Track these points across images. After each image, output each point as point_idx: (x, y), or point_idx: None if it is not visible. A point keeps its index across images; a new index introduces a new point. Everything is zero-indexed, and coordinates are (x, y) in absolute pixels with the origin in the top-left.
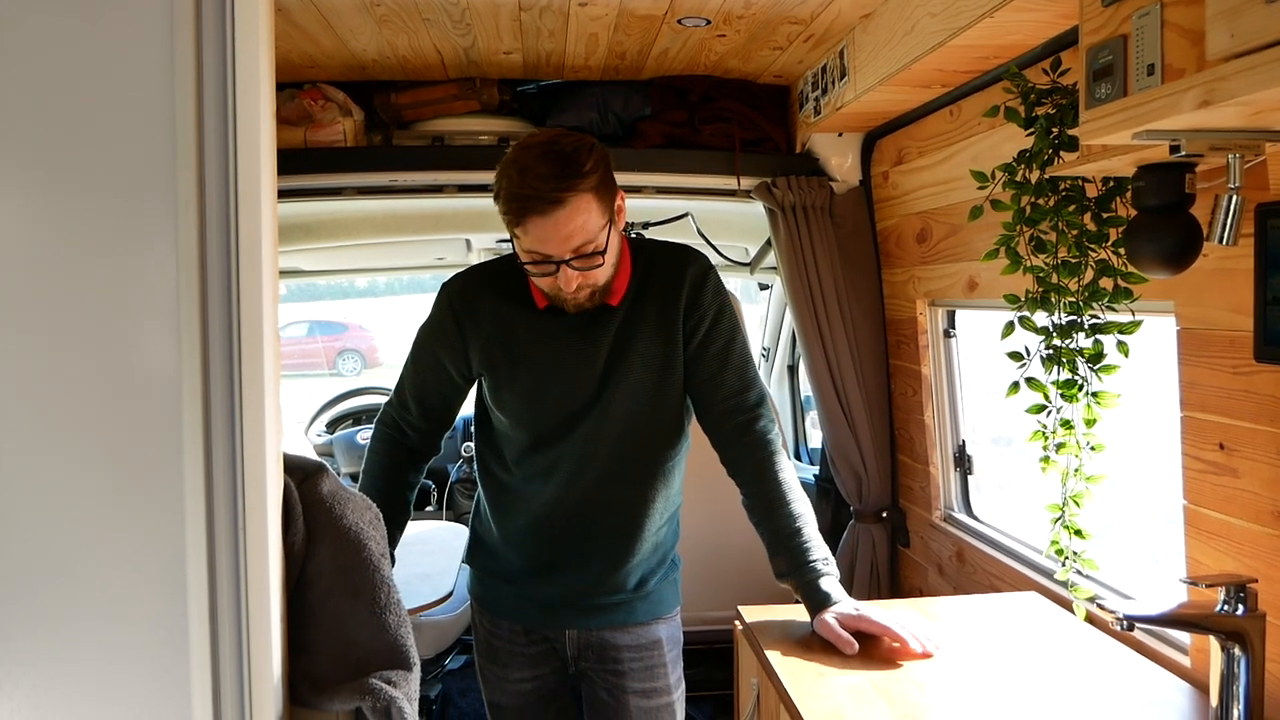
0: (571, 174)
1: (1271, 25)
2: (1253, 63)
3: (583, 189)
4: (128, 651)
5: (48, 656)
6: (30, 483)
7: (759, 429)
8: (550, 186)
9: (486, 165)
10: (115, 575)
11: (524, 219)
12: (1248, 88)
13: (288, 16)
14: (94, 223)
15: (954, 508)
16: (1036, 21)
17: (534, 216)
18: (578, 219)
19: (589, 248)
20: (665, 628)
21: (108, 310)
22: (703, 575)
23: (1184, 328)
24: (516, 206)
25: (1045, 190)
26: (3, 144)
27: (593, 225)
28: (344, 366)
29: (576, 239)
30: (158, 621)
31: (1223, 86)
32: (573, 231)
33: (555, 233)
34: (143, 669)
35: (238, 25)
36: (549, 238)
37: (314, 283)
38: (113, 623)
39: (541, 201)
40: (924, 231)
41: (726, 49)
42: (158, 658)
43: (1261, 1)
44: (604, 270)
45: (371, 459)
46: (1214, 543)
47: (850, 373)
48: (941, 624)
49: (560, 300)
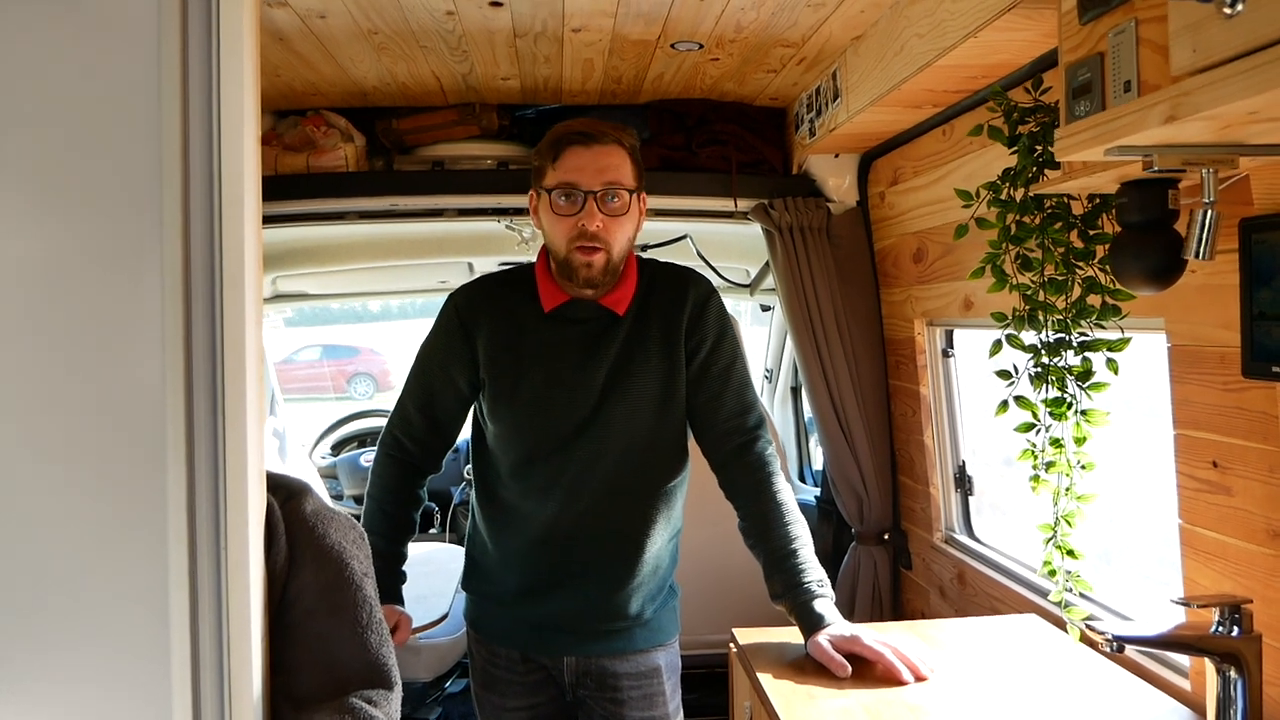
0: (616, 129)
1: (1232, 39)
2: (1215, 77)
3: (623, 142)
4: (109, 671)
5: (29, 677)
6: (10, 503)
7: (757, 450)
8: (593, 129)
9: (486, 189)
10: (96, 595)
11: (562, 151)
12: (1211, 102)
13: (289, 45)
14: (79, 243)
15: (955, 529)
16: (1022, 41)
17: (573, 147)
18: (613, 158)
19: (618, 187)
20: (664, 655)
21: (92, 330)
22: (702, 599)
23: (1174, 344)
24: (557, 138)
25: (1030, 208)
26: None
27: (625, 173)
28: (356, 390)
29: (609, 174)
30: (139, 640)
31: (1187, 101)
32: (607, 166)
33: (591, 162)
34: (124, 688)
35: (222, 49)
36: (584, 166)
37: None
38: (94, 643)
39: (582, 135)
40: (920, 251)
41: (721, 72)
42: (139, 677)
43: (1222, 16)
44: (623, 230)
45: (375, 481)
46: (1211, 563)
47: (850, 394)
48: (937, 646)
49: (572, 268)
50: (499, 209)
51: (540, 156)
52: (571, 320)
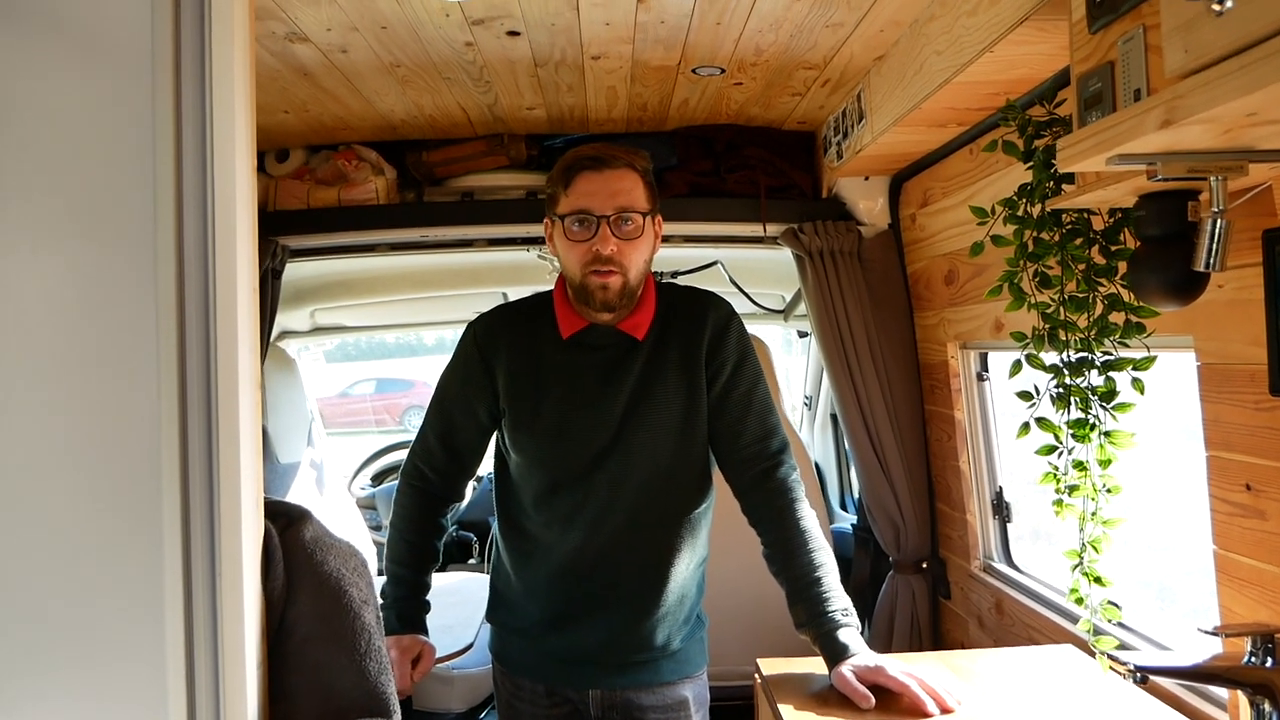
0: (624, 153)
1: (1222, 38)
2: (1208, 78)
3: (634, 166)
4: (103, 696)
5: (23, 701)
6: (7, 530)
7: (780, 476)
8: (603, 153)
9: (515, 219)
10: (91, 617)
11: (574, 177)
12: (1205, 104)
13: (314, 81)
14: (76, 273)
15: (993, 557)
16: (1039, 55)
17: (584, 173)
18: (625, 181)
19: (631, 211)
20: (692, 687)
21: (87, 358)
22: (731, 629)
23: (1204, 362)
24: (570, 163)
25: (1048, 224)
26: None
27: (638, 197)
28: (410, 423)
29: (621, 199)
30: (133, 667)
31: (1181, 105)
32: (619, 190)
33: (604, 187)
34: (118, 714)
35: (214, 79)
36: (596, 191)
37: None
38: (88, 667)
39: (593, 160)
40: (951, 273)
41: (745, 97)
42: (133, 704)
43: (1212, 15)
44: (638, 252)
45: (398, 512)
46: (1246, 590)
47: (884, 419)
48: (967, 678)
49: (588, 292)
50: (529, 238)
51: (553, 184)
52: (590, 346)
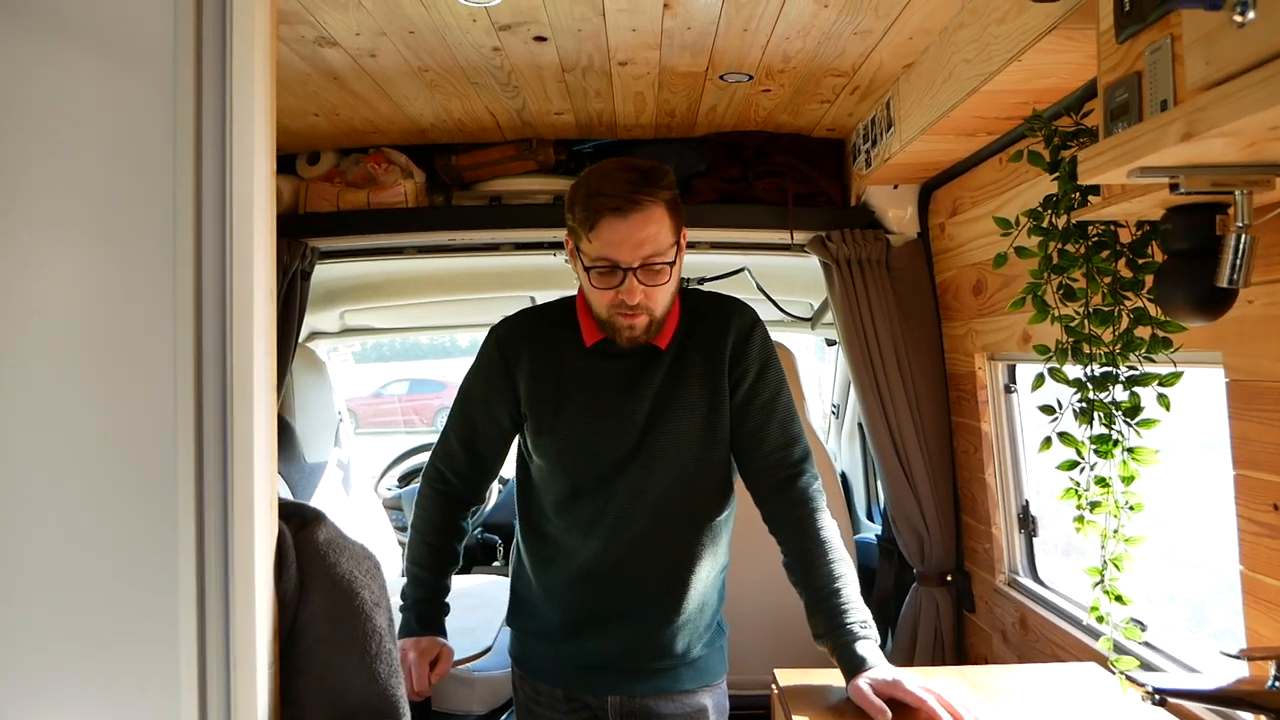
0: (650, 184)
1: (1244, 50)
2: (1229, 90)
3: (659, 199)
4: (115, 697)
5: (35, 699)
6: (22, 532)
7: (801, 485)
8: (629, 190)
9: (543, 223)
10: (105, 619)
11: (598, 220)
12: (1226, 116)
13: (344, 84)
14: (94, 274)
15: (1019, 571)
16: (1068, 64)
17: (609, 217)
18: (651, 226)
19: (657, 260)
20: (711, 696)
21: (104, 359)
22: (752, 637)
23: (1233, 379)
24: (594, 204)
25: (1074, 236)
26: (15, 200)
27: (664, 239)
28: (440, 422)
29: (647, 247)
30: (146, 666)
31: (1202, 117)
32: (645, 239)
33: (629, 236)
34: (130, 715)
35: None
36: (621, 241)
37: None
38: (101, 667)
39: (619, 201)
40: (980, 283)
41: (774, 104)
42: (145, 703)
43: (1234, 26)
44: (665, 292)
45: (419, 514)
46: (1272, 612)
47: (910, 430)
48: (987, 694)
49: (614, 329)
50: (556, 243)
51: (574, 218)
52: (613, 354)
